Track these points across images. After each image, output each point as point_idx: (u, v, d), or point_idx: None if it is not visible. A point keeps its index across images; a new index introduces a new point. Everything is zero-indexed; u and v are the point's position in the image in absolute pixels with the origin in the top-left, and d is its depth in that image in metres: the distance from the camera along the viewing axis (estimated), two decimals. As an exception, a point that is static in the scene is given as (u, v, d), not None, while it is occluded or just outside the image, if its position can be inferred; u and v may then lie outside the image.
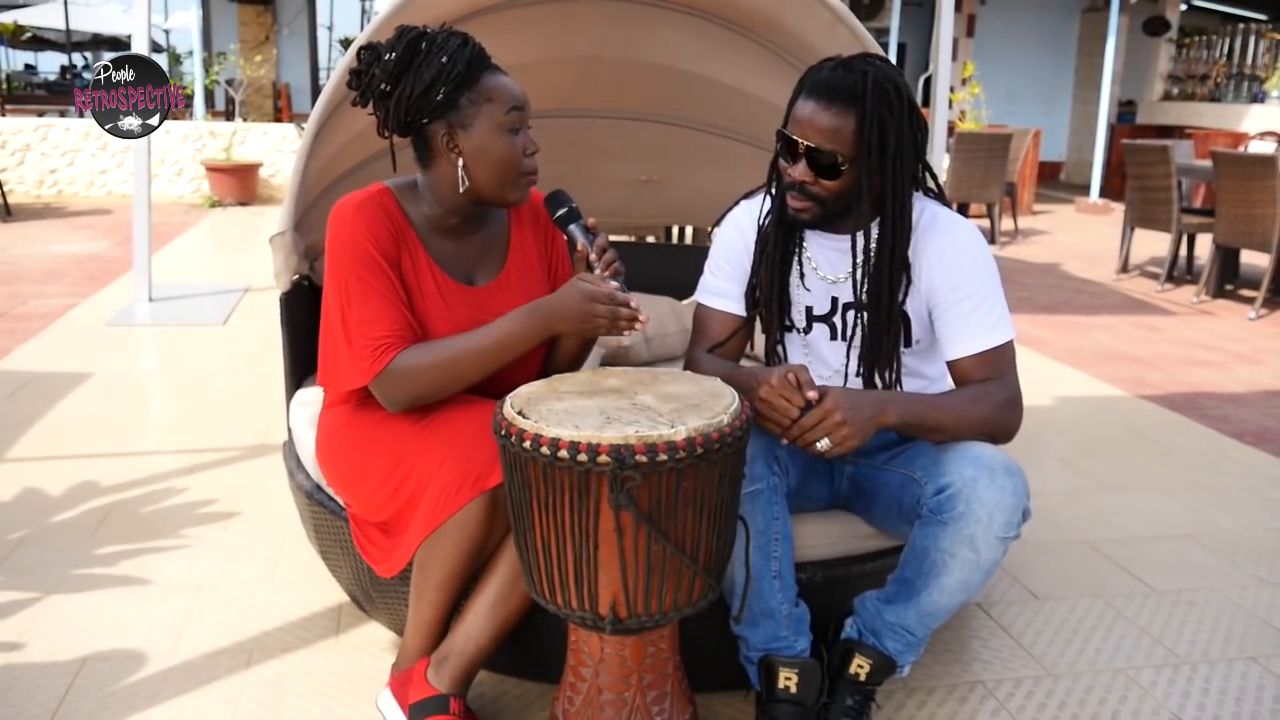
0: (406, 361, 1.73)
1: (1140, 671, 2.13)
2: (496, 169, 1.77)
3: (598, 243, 1.77)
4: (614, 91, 3.14)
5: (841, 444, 1.65)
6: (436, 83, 1.71)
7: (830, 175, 1.73)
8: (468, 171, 1.77)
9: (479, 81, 1.74)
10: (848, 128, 1.70)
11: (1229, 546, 2.77)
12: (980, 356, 1.80)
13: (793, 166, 1.77)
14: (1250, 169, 5.80)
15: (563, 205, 1.82)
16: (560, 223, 1.83)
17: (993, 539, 1.64)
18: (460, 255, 1.88)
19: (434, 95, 1.71)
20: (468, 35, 1.77)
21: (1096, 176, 11.07)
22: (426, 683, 1.71)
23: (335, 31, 15.47)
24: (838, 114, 1.70)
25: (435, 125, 1.76)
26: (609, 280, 1.72)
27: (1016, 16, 13.80)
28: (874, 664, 1.79)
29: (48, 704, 1.89)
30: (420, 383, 1.74)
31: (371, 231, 1.77)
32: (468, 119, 1.74)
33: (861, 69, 1.71)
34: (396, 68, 1.72)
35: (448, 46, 1.72)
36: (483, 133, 1.75)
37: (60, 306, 5.06)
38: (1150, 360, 4.80)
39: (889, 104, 1.70)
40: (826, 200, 1.77)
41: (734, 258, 1.97)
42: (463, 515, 1.65)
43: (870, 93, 1.69)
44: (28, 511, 2.70)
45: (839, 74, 1.71)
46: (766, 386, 1.66)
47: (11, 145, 9.03)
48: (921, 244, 1.81)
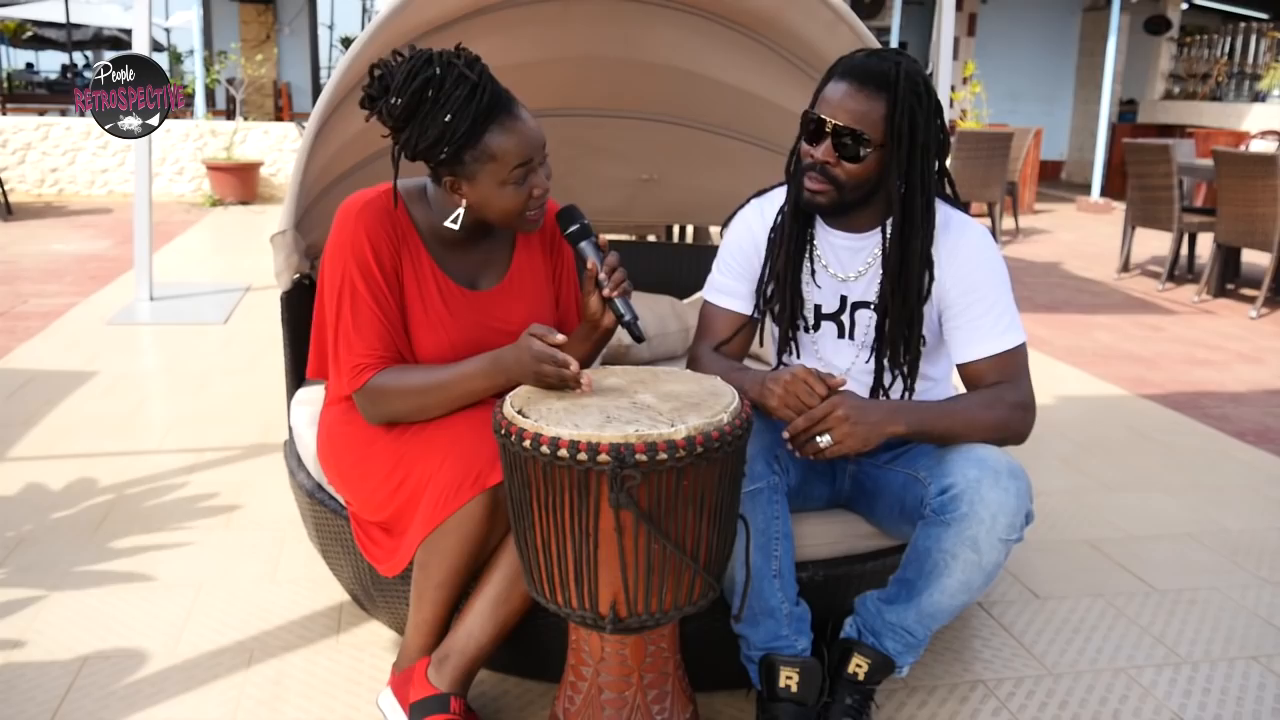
0: (380, 383, 1.78)
1: (1141, 671, 2.13)
2: (501, 216, 1.78)
3: (608, 261, 1.77)
4: (614, 91, 3.14)
5: (841, 442, 1.65)
6: (440, 142, 1.68)
7: (853, 158, 1.73)
8: (469, 213, 1.78)
9: (483, 139, 1.69)
10: (877, 111, 1.71)
11: (1230, 546, 2.76)
12: (992, 360, 1.80)
13: (816, 147, 1.77)
14: (1251, 168, 5.80)
15: (575, 222, 1.82)
16: (571, 239, 1.82)
17: (995, 541, 1.64)
18: (465, 261, 1.88)
19: (437, 153, 1.70)
20: (478, 82, 1.68)
21: (1097, 175, 11.07)
22: (427, 681, 1.71)
23: (336, 30, 15.47)
24: (869, 97, 1.71)
25: (440, 170, 1.76)
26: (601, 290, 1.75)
27: (1018, 15, 13.79)
28: (873, 664, 1.79)
29: (49, 703, 1.89)
30: (393, 403, 1.79)
31: (373, 237, 1.78)
32: (471, 173, 1.73)
33: (895, 59, 1.73)
34: (404, 113, 1.68)
35: (454, 100, 1.65)
36: (486, 187, 1.73)
37: (61, 305, 5.06)
38: (1151, 359, 4.80)
39: (919, 96, 1.72)
40: (845, 185, 1.76)
41: (743, 257, 1.97)
42: (463, 514, 1.65)
43: (902, 81, 1.70)
44: (28, 510, 2.71)
45: (873, 61, 1.73)
46: (790, 374, 1.68)
47: (12, 144, 9.03)
48: (935, 248, 1.81)
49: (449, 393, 1.76)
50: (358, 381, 1.78)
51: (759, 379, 1.76)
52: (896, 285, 1.80)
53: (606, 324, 1.81)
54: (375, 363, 1.78)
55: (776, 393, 1.70)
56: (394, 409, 1.79)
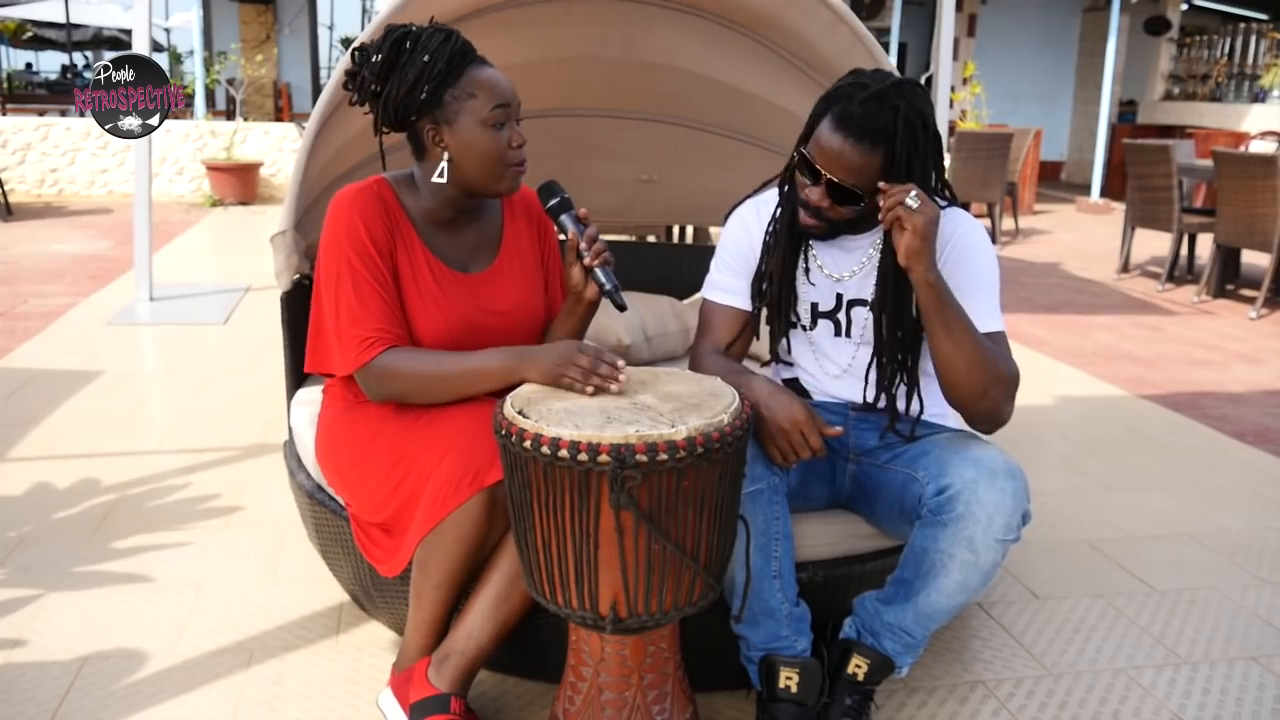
0: (390, 361, 1.77)
1: (1141, 671, 2.13)
2: (482, 162, 1.79)
3: (588, 233, 1.80)
4: (613, 91, 3.14)
5: (910, 220, 1.63)
6: (420, 80, 1.74)
7: (847, 203, 1.75)
8: (453, 166, 1.80)
9: (462, 77, 1.76)
10: (873, 165, 1.69)
11: (1229, 546, 2.76)
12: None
13: (810, 189, 1.77)
14: (1251, 169, 5.80)
15: (554, 195, 1.85)
16: (552, 213, 1.85)
17: (992, 541, 1.64)
18: (455, 244, 1.91)
19: (418, 93, 1.74)
20: (451, 30, 1.79)
21: (1097, 176, 11.07)
22: (427, 682, 1.71)
23: (336, 31, 15.47)
24: (865, 152, 1.68)
25: (423, 122, 1.79)
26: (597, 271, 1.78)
27: (1017, 16, 13.80)
28: (872, 664, 1.79)
29: (48, 703, 1.89)
30: (398, 385, 1.79)
31: (366, 221, 1.81)
32: (452, 115, 1.77)
33: (893, 104, 1.67)
34: (384, 68, 1.75)
35: (430, 44, 1.75)
36: (467, 128, 1.77)
37: (61, 306, 5.06)
38: (1151, 360, 4.80)
39: (916, 142, 1.70)
40: (839, 223, 1.80)
41: (740, 254, 1.97)
42: (461, 512, 1.65)
43: (900, 132, 1.67)
44: (29, 510, 2.71)
45: (870, 109, 1.67)
46: (790, 420, 1.68)
47: (12, 144, 9.03)
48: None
49: (457, 379, 1.77)
50: (366, 355, 1.77)
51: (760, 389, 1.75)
52: (890, 284, 1.81)
53: (589, 296, 1.84)
54: (383, 335, 1.78)
55: (773, 435, 1.71)
56: (399, 387, 1.79)
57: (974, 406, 1.76)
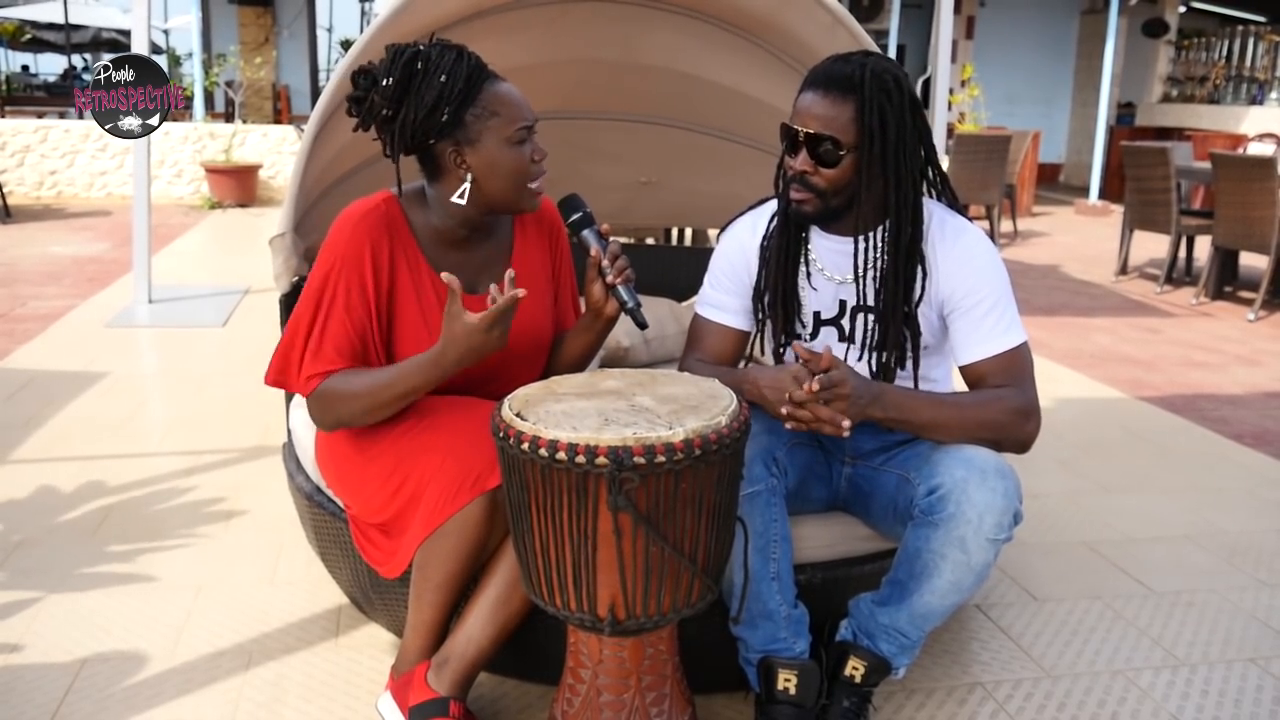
0: (329, 387, 1.76)
1: (1139, 673, 2.13)
2: (507, 181, 1.76)
3: (610, 249, 1.77)
4: (612, 93, 3.14)
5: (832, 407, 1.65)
6: (440, 103, 1.69)
7: (830, 163, 1.74)
8: (476, 186, 1.76)
9: (481, 95, 1.72)
10: (845, 114, 1.71)
11: (1228, 548, 2.77)
12: (995, 360, 1.80)
13: (795, 158, 1.77)
14: (1249, 171, 5.81)
15: (577, 210, 1.83)
16: (574, 228, 1.83)
17: (983, 540, 1.64)
18: (464, 265, 1.87)
19: (439, 116, 1.70)
20: (462, 48, 1.74)
21: (1095, 178, 11.08)
22: (427, 685, 1.71)
23: (335, 33, 15.48)
24: (835, 101, 1.71)
25: (443, 144, 1.74)
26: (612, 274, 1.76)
27: (1016, 18, 13.80)
28: (869, 666, 1.79)
29: (47, 705, 1.89)
30: (340, 409, 1.77)
31: (373, 244, 1.78)
32: (475, 135, 1.73)
33: (860, 61, 1.74)
34: (396, 91, 1.69)
35: (444, 63, 1.69)
36: (491, 148, 1.73)
37: (60, 308, 5.06)
38: (1149, 362, 4.80)
39: (887, 93, 1.71)
40: (827, 192, 1.77)
41: (733, 271, 1.96)
42: (462, 516, 1.65)
43: (868, 81, 1.71)
44: (28, 512, 2.70)
45: (837, 65, 1.74)
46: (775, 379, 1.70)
47: (11, 147, 9.03)
48: (932, 252, 1.81)
49: (389, 389, 1.73)
50: (308, 388, 1.77)
51: (749, 373, 1.78)
52: (887, 284, 1.81)
53: (609, 312, 1.82)
54: (330, 374, 1.77)
55: (764, 382, 1.72)
56: (341, 411, 1.77)
57: (996, 450, 1.76)
